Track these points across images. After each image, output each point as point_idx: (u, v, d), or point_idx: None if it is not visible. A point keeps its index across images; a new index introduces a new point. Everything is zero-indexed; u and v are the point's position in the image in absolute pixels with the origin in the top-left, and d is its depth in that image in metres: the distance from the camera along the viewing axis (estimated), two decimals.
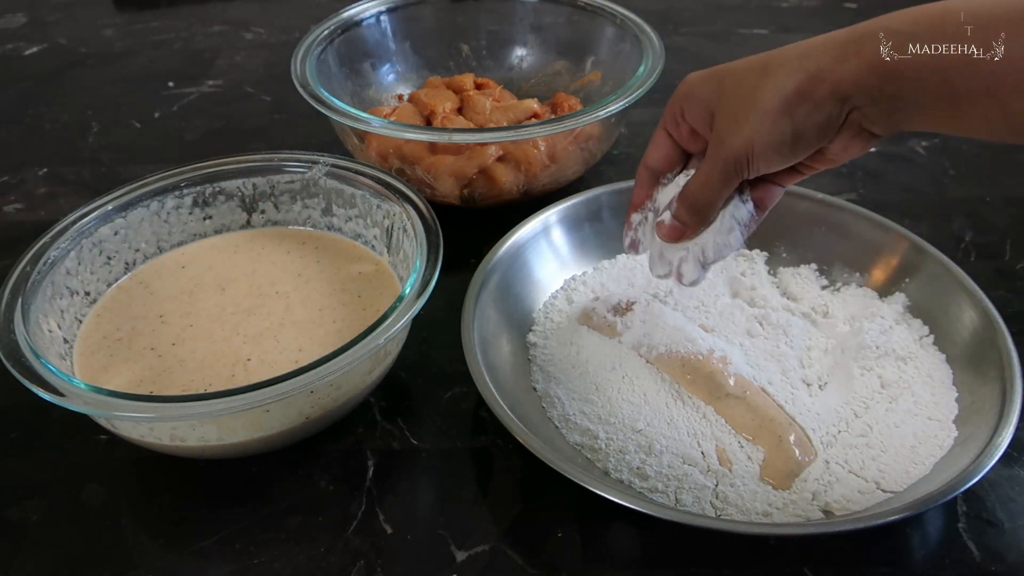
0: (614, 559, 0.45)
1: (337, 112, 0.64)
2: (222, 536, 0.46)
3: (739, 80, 0.41)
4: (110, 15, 1.12)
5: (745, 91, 0.40)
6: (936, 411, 0.49)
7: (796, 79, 0.38)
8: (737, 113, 0.41)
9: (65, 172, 0.78)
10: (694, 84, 0.44)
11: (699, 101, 0.43)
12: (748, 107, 0.40)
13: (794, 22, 1.03)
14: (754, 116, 0.40)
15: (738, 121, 0.40)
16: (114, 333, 0.53)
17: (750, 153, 0.41)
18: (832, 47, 0.38)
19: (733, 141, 0.41)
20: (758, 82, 0.40)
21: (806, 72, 0.38)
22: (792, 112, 0.39)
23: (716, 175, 0.42)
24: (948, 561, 0.44)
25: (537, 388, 0.52)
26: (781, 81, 0.39)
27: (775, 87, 0.39)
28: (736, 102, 0.41)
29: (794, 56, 0.39)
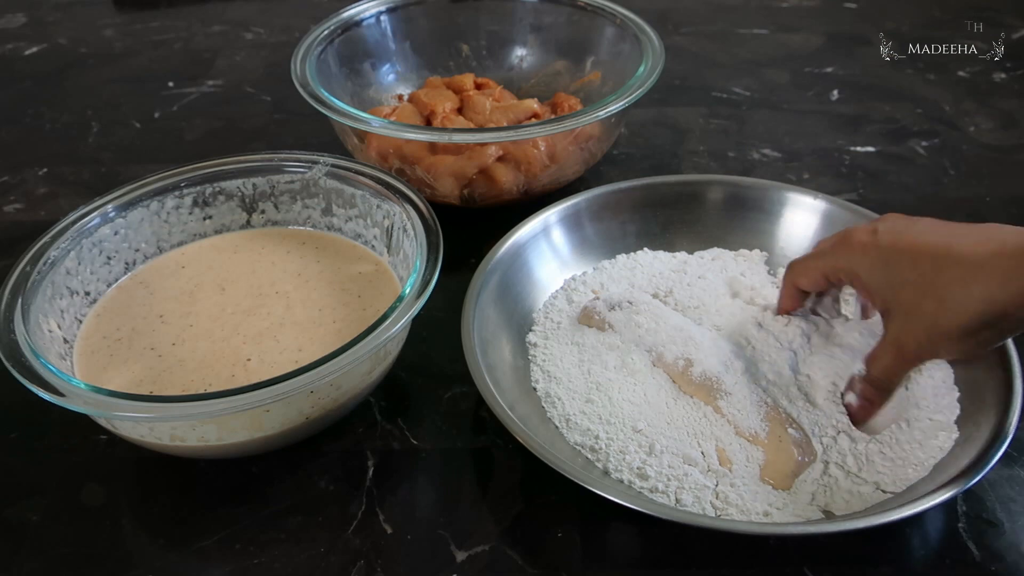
0: (614, 559, 0.45)
1: (337, 112, 0.64)
2: (222, 536, 0.46)
3: (916, 296, 0.41)
4: (110, 15, 1.12)
5: (926, 314, 0.41)
6: (938, 412, 0.49)
7: (980, 318, 0.39)
8: (919, 333, 0.42)
9: (65, 172, 0.78)
10: (861, 262, 0.44)
11: (870, 292, 0.44)
12: (930, 330, 0.41)
13: (794, 22, 1.03)
14: (937, 339, 0.41)
15: (920, 339, 0.42)
16: (114, 333, 0.53)
17: (935, 357, 0.44)
18: (1004, 270, 0.38)
19: (917, 352, 0.43)
20: (938, 309, 0.40)
21: (991, 313, 0.39)
22: (976, 335, 0.40)
23: (901, 370, 0.44)
24: (948, 561, 0.44)
25: (537, 388, 0.52)
26: (962, 319, 0.39)
27: (957, 322, 0.40)
28: (918, 321, 0.41)
29: (977, 284, 0.39)
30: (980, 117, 0.83)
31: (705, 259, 0.61)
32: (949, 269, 0.40)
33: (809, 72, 0.92)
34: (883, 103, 0.86)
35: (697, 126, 0.83)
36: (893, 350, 0.44)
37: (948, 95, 0.87)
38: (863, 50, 0.96)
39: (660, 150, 0.80)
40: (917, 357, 0.43)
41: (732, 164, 0.77)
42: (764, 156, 0.78)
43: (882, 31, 0.98)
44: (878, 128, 0.82)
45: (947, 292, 0.40)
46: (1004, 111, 0.84)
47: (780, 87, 0.90)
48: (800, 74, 0.92)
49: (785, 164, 0.77)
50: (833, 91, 0.88)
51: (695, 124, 0.83)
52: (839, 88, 0.89)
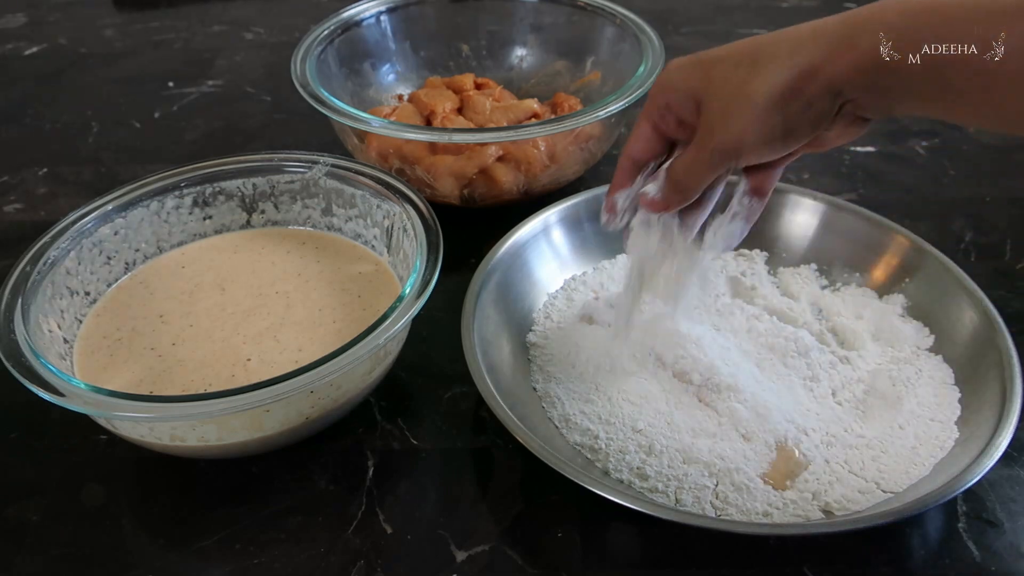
0: (614, 559, 0.45)
1: (337, 112, 0.64)
2: (222, 536, 0.46)
3: (727, 71, 0.40)
4: (110, 15, 1.12)
5: (734, 84, 0.40)
6: (938, 412, 0.49)
7: (788, 74, 0.38)
8: (727, 106, 0.40)
9: (65, 172, 0.78)
10: (677, 74, 0.43)
11: (684, 91, 0.42)
12: (738, 101, 0.39)
13: (794, 22, 1.02)
14: (744, 111, 0.39)
15: (727, 114, 0.40)
16: (114, 333, 0.53)
17: (740, 147, 0.40)
18: (825, 40, 0.38)
19: (722, 134, 0.40)
20: (748, 75, 0.39)
21: (798, 68, 0.38)
22: (784, 108, 0.39)
23: (704, 162, 0.42)
24: (948, 561, 0.44)
25: (537, 388, 0.52)
26: (772, 76, 0.38)
27: (766, 82, 0.38)
28: (725, 95, 0.40)
29: (785, 49, 0.39)
30: None
31: None
32: (762, 47, 0.39)
33: None
34: None
35: None
36: (696, 147, 0.42)
37: None
38: None
39: None
40: (720, 146, 0.41)
41: None
42: None
43: None
44: (878, 128, 0.82)
45: (760, 63, 0.39)
46: None
47: None
48: None
49: None
50: None
51: None
52: None
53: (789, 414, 0.49)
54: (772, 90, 0.38)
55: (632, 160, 0.47)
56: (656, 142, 0.46)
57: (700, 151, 0.42)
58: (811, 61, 0.38)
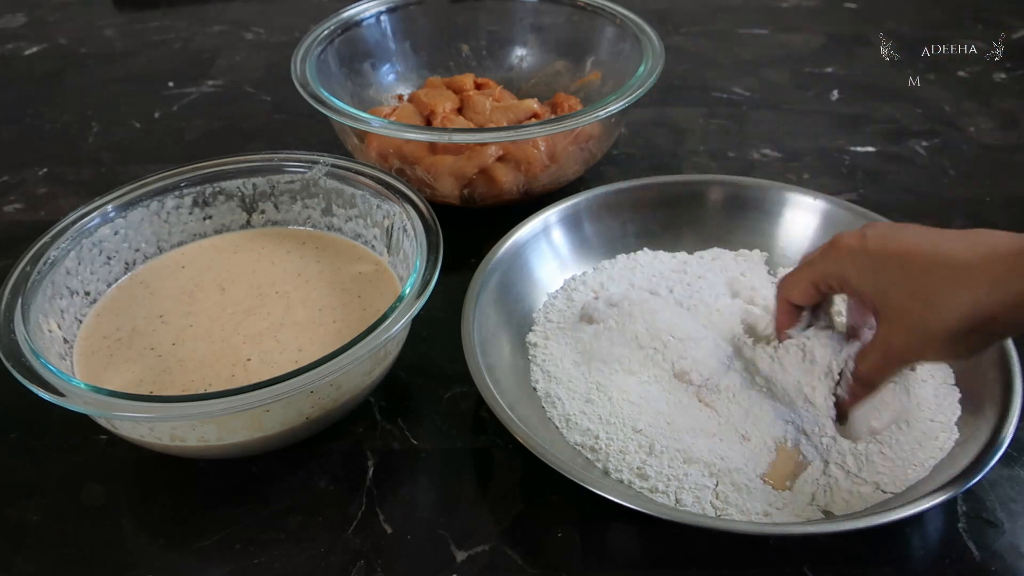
0: (614, 559, 0.45)
1: (337, 112, 0.64)
2: (222, 536, 0.46)
3: (906, 300, 0.41)
4: (110, 15, 1.12)
5: (915, 318, 0.41)
6: (938, 412, 0.49)
7: (967, 321, 0.39)
8: (908, 336, 0.42)
9: (65, 172, 0.78)
10: (851, 269, 0.44)
11: (860, 295, 0.45)
12: (919, 333, 0.41)
13: (794, 22, 1.03)
14: (926, 341, 0.41)
15: (909, 341, 0.42)
16: (114, 333, 0.53)
17: (920, 360, 0.46)
18: (999, 277, 0.38)
19: (905, 353, 0.43)
20: (925, 312, 0.40)
21: (979, 317, 0.38)
22: (964, 340, 0.40)
23: (889, 369, 0.45)
24: (948, 561, 0.44)
25: (537, 388, 0.52)
26: (951, 322, 0.39)
27: (944, 326, 0.40)
28: (906, 324, 0.42)
29: (964, 290, 0.39)
30: (980, 117, 0.83)
31: (705, 259, 0.61)
32: (938, 273, 0.40)
33: (809, 72, 0.92)
34: (883, 103, 0.86)
35: (697, 126, 0.83)
36: (881, 350, 0.44)
37: (948, 95, 0.87)
38: (863, 50, 0.96)
39: (660, 150, 0.80)
40: (903, 359, 0.44)
41: (732, 164, 0.77)
42: (764, 156, 0.78)
43: (882, 31, 0.97)
44: (878, 128, 0.82)
45: (936, 296, 0.40)
46: (1004, 111, 0.84)
47: (780, 87, 0.90)
48: (800, 74, 0.92)
49: (785, 164, 0.77)
50: (833, 91, 0.88)
51: (695, 124, 0.83)
52: (839, 88, 0.89)
53: (789, 414, 0.49)
54: (951, 331, 0.40)
55: (791, 304, 0.50)
56: (815, 296, 0.48)
57: (885, 360, 0.44)
58: (993, 308, 0.38)
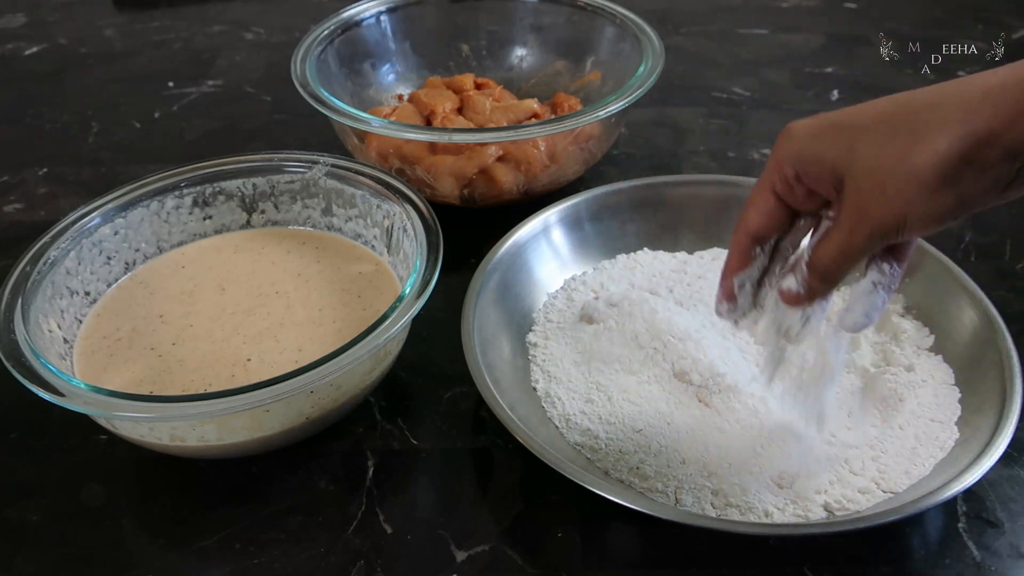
0: (614, 559, 0.45)
1: (337, 112, 0.64)
2: (222, 536, 0.46)
3: (878, 142, 0.36)
4: (110, 15, 1.12)
5: (891, 158, 0.35)
6: (938, 412, 0.49)
7: (960, 143, 0.34)
8: (884, 183, 0.35)
9: (65, 172, 0.78)
10: (810, 143, 0.38)
11: (820, 163, 0.38)
12: (898, 177, 0.35)
13: (794, 22, 1.03)
14: (907, 188, 0.35)
15: (886, 192, 0.35)
16: (114, 333, 0.53)
17: (903, 225, 0.36)
18: (1002, 99, 0.33)
19: (881, 213, 0.36)
20: (907, 146, 0.35)
21: (972, 135, 0.33)
22: (956, 181, 0.34)
23: (858, 246, 0.38)
24: (948, 561, 0.44)
25: (537, 388, 0.52)
26: (940, 146, 0.34)
27: (933, 154, 0.34)
28: (880, 170, 0.36)
29: (952, 112, 0.34)
30: None
31: (705, 259, 0.61)
32: (917, 113, 0.35)
33: (809, 72, 0.92)
34: None
35: (697, 126, 0.83)
36: (847, 222, 0.37)
37: None
38: (863, 50, 0.96)
39: (660, 150, 0.79)
40: (876, 228, 0.36)
41: (732, 164, 0.77)
42: (764, 156, 0.78)
43: (882, 31, 0.97)
44: None
45: (917, 130, 0.34)
46: None
47: (780, 87, 0.90)
48: (800, 74, 0.92)
49: None
50: (833, 91, 0.88)
51: (695, 124, 0.83)
52: (839, 88, 0.89)
53: (789, 414, 0.49)
54: (942, 162, 0.34)
55: (750, 236, 0.42)
56: (779, 215, 0.41)
57: (852, 234, 0.37)
58: (989, 126, 0.33)
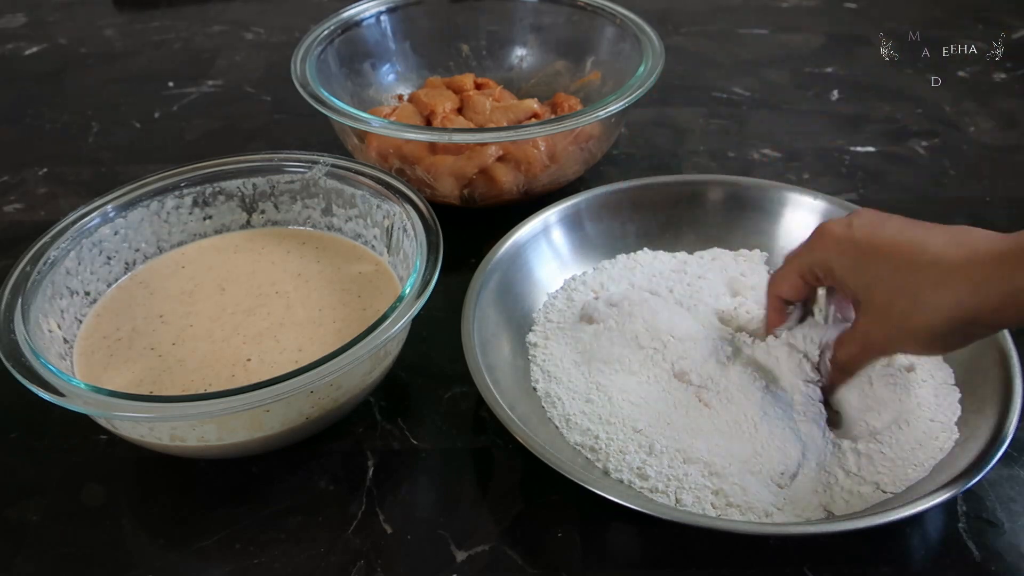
0: (614, 559, 0.45)
1: (337, 112, 0.64)
2: (222, 536, 0.46)
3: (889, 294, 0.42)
4: (110, 15, 1.12)
5: (896, 313, 0.41)
6: (938, 412, 0.49)
7: (949, 320, 0.39)
8: (890, 333, 0.42)
9: (65, 172, 0.78)
10: (835, 259, 0.44)
11: (843, 285, 0.45)
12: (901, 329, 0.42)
13: (794, 22, 1.03)
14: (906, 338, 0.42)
15: (890, 335, 0.43)
16: (114, 333, 0.53)
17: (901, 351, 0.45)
18: (983, 279, 0.38)
19: (885, 345, 0.44)
20: (909, 308, 0.41)
21: (961, 314, 0.39)
22: (944, 340, 0.41)
23: (866, 358, 0.46)
24: (948, 561, 0.44)
25: (537, 388, 0.52)
26: (935, 320, 0.40)
27: (928, 323, 0.40)
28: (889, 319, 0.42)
29: (952, 287, 0.39)
30: (980, 117, 0.83)
31: (705, 259, 0.61)
32: (922, 271, 0.40)
33: (809, 72, 0.92)
34: (883, 103, 0.86)
35: (697, 126, 0.83)
36: (860, 339, 0.45)
37: (948, 95, 0.87)
38: (863, 50, 0.96)
39: (660, 150, 0.79)
40: (882, 350, 0.45)
41: (732, 164, 0.77)
42: (764, 156, 0.78)
43: (882, 31, 0.97)
44: (878, 128, 0.82)
45: (919, 293, 0.40)
46: (1004, 111, 0.84)
47: (780, 87, 0.90)
48: (800, 74, 0.92)
49: (785, 164, 0.77)
50: (833, 91, 0.88)
51: (695, 124, 0.83)
52: (839, 88, 0.89)
53: (789, 414, 0.49)
54: (934, 329, 0.40)
55: (781, 300, 0.50)
56: (803, 289, 0.48)
57: (863, 350, 0.45)
58: (975, 309, 0.39)
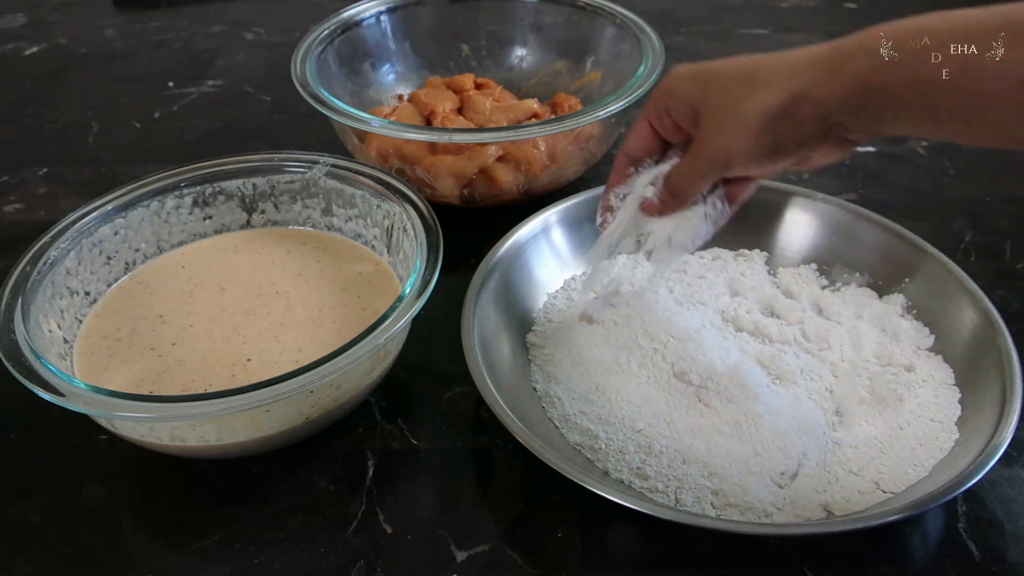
0: (614, 559, 0.45)
1: (337, 112, 0.64)
2: (222, 536, 0.46)
3: (724, 88, 0.42)
4: (110, 15, 1.12)
5: (729, 101, 0.42)
6: (938, 412, 0.49)
7: (780, 97, 0.40)
8: (720, 121, 0.43)
9: (65, 172, 0.78)
10: (679, 82, 0.45)
11: (683, 99, 0.45)
12: (731, 118, 0.42)
13: (794, 22, 1.03)
14: (736, 128, 0.42)
15: (720, 129, 0.43)
16: (114, 333, 0.53)
17: (729, 159, 0.43)
18: (817, 64, 0.39)
19: (714, 147, 0.43)
20: (742, 94, 0.41)
21: (790, 92, 0.39)
22: (773, 128, 0.41)
23: (697, 171, 0.45)
24: (948, 561, 0.44)
25: (537, 388, 0.52)
26: (765, 98, 0.40)
27: (759, 103, 0.40)
28: (720, 110, 0.43)
29: (781, 73, 0.40)
30: None
31: (705, 259, 0.61)
32: (763, 70, 0.41)
33: None
34: None
35: None
36: (692, 152, 0.45)
37: None
38: None
39: None
40: (712, 158, 0.44)
41: None
42: None
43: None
44: None
45: (755, 84, 0.41)
46: None
47: None
48: None
49: None
50: None
51: None
52: None
53: (789, 413, 0.49)
54: (763, 111, 0.40)
55: (628, 156, 0.50)
56: (652, 141, 0.48)
57: (694, 160, 0.45)
58: (802, 86, 0.39)
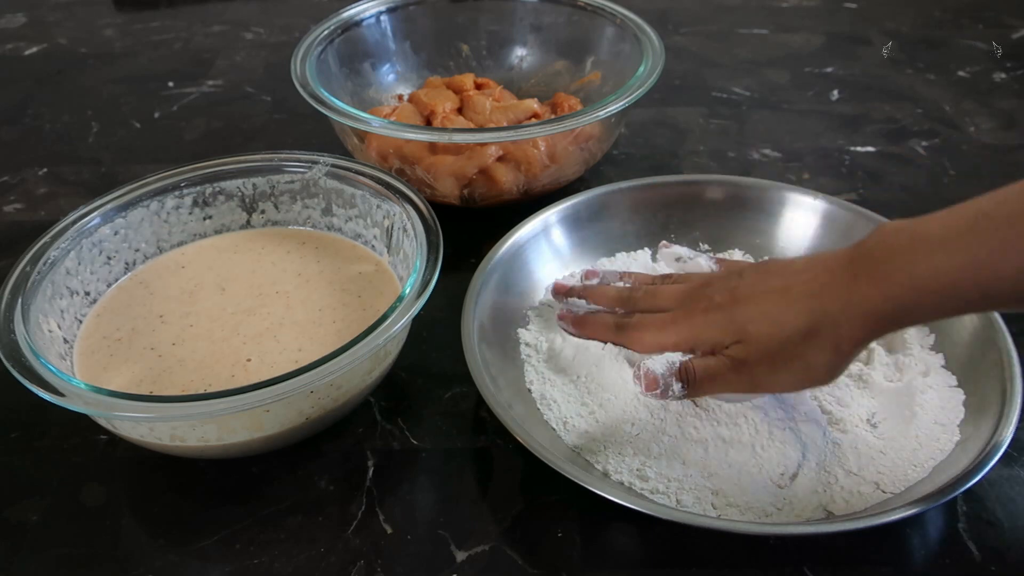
0: (614, 559, 0.45)
1: (337, 112, 0.64)
2: (222, 536, 0.46)
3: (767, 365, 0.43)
4: (110, 15, 1.12)
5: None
6: (942, 415, 0.49)
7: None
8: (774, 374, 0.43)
9: (65, 172, 0.78)
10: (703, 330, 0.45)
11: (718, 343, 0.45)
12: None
13: (794, 22, 1.03)
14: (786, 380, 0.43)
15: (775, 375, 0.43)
16: (114, 333, 0.53)
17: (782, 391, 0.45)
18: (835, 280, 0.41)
19: (770, 387, 0.44)
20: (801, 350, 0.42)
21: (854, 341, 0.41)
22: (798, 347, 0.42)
23: (731, 385, 0.44)
24: (948, 561, 0.44)
25: (532, 390, 0.52)
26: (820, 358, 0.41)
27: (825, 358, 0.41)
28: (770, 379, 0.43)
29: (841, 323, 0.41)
30: (980, 117, 0.83)
31: (705, 259, 0.61)
32: (773, 298, 0.43)
33: (809, 72, 0.92)
34: (883, 103, 0.86)
35: (697, 126, 0.83)
36: (734, 363, 0.44)
37: (948, 95, 0.87)
38: (863, 50, 0.96)
39: (660, 150, 0.80)
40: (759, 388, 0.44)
41: (732, 164, 0.77)
42: (764, 156, 0.78)
43: (882, 31, 0.97)
44: (878, 128, 0.82)
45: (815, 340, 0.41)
46: (1004, 111, 0.84)
47: (780, 87, 0.90)
48: (800, 74, 0.92)
49: (785, 164, 0.77)
50: (833, 91, 0.88)
51: (695, 124, 0.83)
52: (839, 88, 0.89)
53: (789, 414, 0.49)
54: (830, 367, 0.42)
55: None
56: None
57: (738, 374, 0.44)
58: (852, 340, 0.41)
